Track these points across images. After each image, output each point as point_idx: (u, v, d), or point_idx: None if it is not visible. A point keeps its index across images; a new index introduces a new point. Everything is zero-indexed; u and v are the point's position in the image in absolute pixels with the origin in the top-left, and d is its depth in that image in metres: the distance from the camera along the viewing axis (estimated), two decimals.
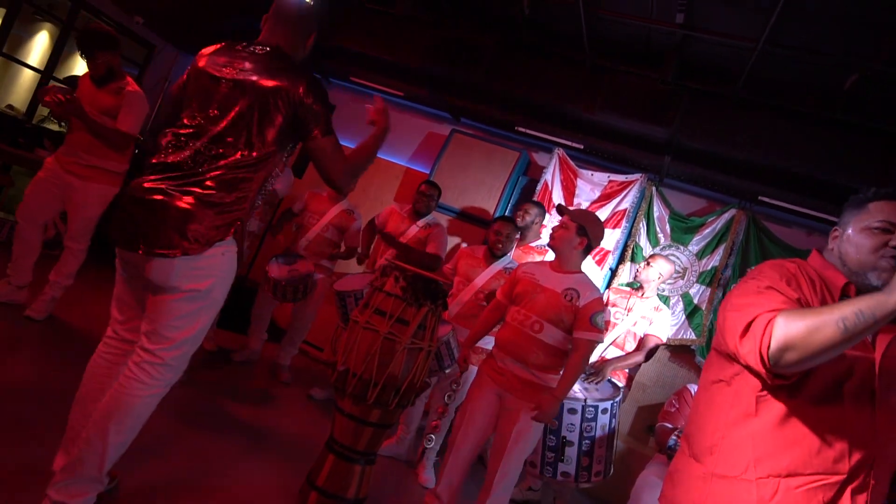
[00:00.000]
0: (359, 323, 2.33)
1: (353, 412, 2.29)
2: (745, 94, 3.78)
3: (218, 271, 1.74)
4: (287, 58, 1.84)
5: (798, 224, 4.39)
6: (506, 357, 2.52)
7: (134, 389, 1.68)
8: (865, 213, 1.30)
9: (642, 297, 3.58)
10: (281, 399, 3.69)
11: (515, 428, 2.44)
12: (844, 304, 1.04)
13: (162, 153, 1.74)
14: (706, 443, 1.30)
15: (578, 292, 2.45)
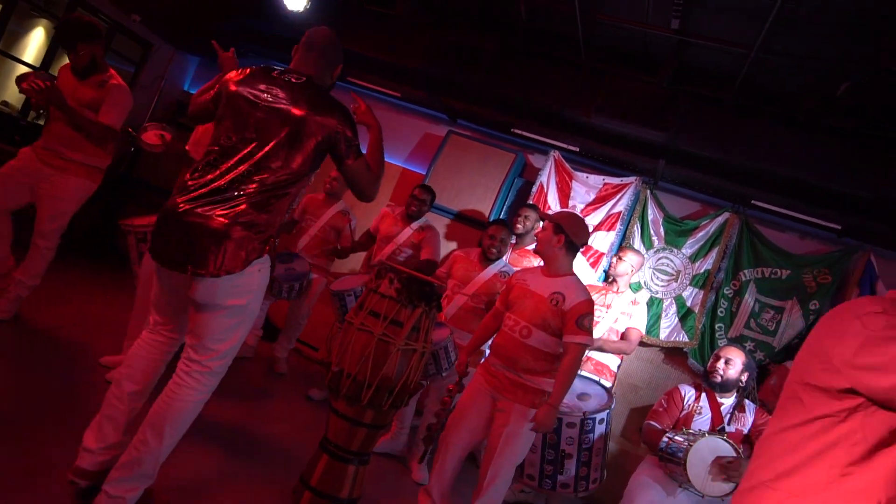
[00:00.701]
0: (353, 324, 2.35)
1: (347, 413, 2.31)
2: (741, 99, 3.81)
3: (256, 287, 1.89)
4: (322, 89, 1.99)
5: (791, 228, 4.43)
6: (497, 362, 2.57)
7: (186, 395, 1.85)
8: None
9: (617, 291, 3.62)
10: (278, 398, 3.70)
11: (506, 430, 2.47)
12: None
13: (199, 173, 1.85)
14: (812, 485, 1.19)
15: (564, 296, 2.47)
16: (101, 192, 3.50)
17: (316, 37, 2.05)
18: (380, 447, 3.39)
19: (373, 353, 2.26)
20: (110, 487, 1.79)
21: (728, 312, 4.28)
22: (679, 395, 2.92)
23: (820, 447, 1.18)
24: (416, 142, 5.63)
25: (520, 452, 2.55)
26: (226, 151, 1.84)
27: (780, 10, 2.83)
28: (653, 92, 4.05)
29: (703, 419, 2.79)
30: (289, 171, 1.85)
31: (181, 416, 1.86)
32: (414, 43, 4.71)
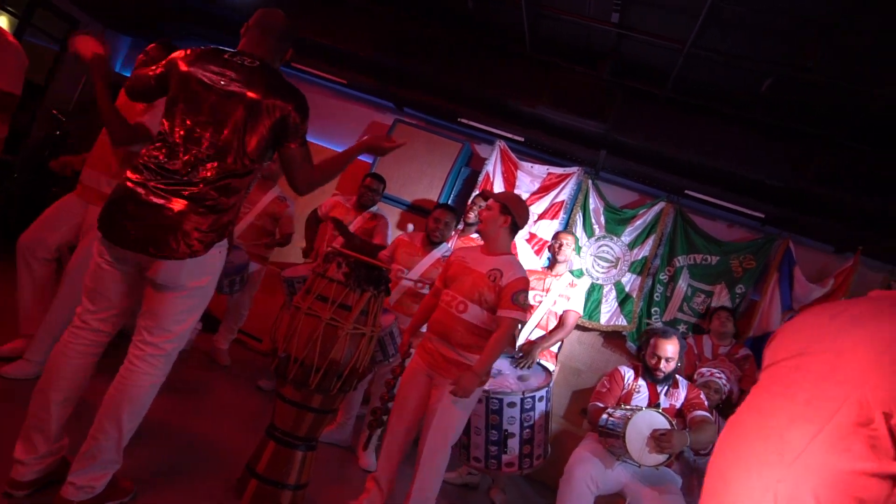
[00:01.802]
0: (301, 309, 2.32)
1: (295, 398, 2.28)
2: (675, 93, 3.99)
3: (214, 269, 1.91)
4: (277, 73, 1.96)
5: (720, 217, 4.70)
6: (433, 336, 2.59)
7: (141, 380, 1.84)
8: None
9: (556, 275, 3.72)
10: (222, 390, 3.61)
11: (440, 405, 2.48)
12: None
13: (154, 153, 1.82)
14: None
15: (502, 272, 2.52)
16: (22, 175, 3.25)
17: (271, 19, 2.01)
18: (325, 437, 3.35)
19: (321, 337, 2.25)
20: (76, 478, 1.80)
21: (663, 297, 4.50)
22: (620, 375, 3.05)
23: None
24: (363, 130, 5.58)
25: (455, 428, 2.55)
26: (181, 134, 1.82)
27: (711, 8, 2.98)
28: (594, 85, 4.18)
29: (641, 397, 2.93)
30: (246, 155, 1.85)
31: (138, 401, 1.85)
32: (361, 30, 4.65)
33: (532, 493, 4.06)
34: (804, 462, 1.06)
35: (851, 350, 1.07)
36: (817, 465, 1.04)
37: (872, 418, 0.97)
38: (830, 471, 1.02)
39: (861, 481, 0.97)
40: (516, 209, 2.63)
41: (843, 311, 1.18)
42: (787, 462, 1.08)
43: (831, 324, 1.17)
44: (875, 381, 1.00)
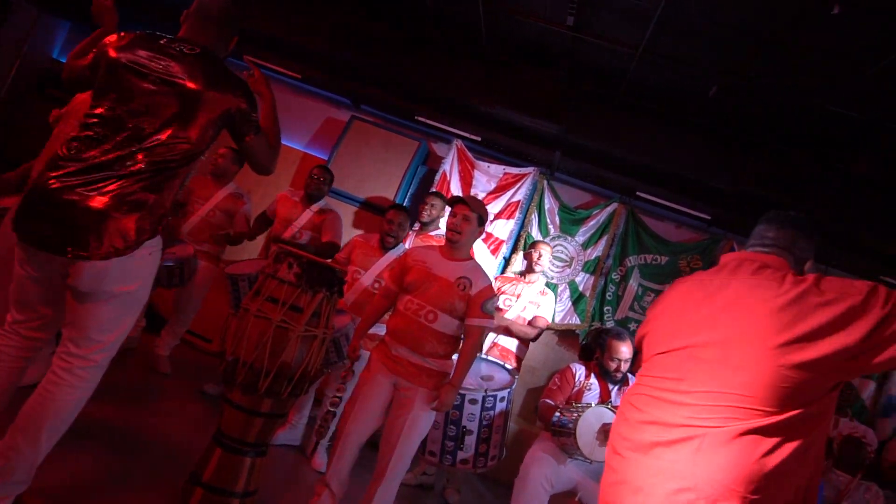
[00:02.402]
0: (250, 311, 2.24)
1: (243, 403, 2.21)
2: (627, 97, 4.09)
3: (146, 272, 1.76)
4: (220, 62, 1.84)
5: (669, 218, 4.84)
6: (399, 346, 2.53)
7: (65, 394, 1.67)
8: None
9: (528, 282, 3.78)
10: (166, 394, 3.46)
11: (411, 414, 2.47)
12: None
13: (76, 147, 1.65)
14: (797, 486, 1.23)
15: (471, 280, 2.52)
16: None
17: (212, 5, 1.90)
18: (277, 439, 3.28)
19: (270, 339, 2.18)
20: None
21: (615, 296, 4.60)
22: (571, 373, 3.10)
23: (802, 445, 1.19)
24: (318, 126, 5.47)
25: (422, 436, 2.58)
26: (109, 125, 1.67)
27: (662, 15, 3.06)
28: (549, 86, 4.23)
29: (592, 394, 2.99)
30: (181, 149, 1.72)
31: (60, 416, 1.68)
32: (317, 24, 4.56)
33: (487, 491, 4.08)
34: (703, 440, 1.23)
35: (726, 332, 1.29)
36: (716, 442, 1.22)
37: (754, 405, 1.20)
38: (728, 447, 1.21)
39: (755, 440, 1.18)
40: (486, 216, 2.66)
41: (710, 293, 1.39)
42: (684, 440, 1.25)
43: (695, 305, 1.40)
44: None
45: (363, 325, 2.77)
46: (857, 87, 3.05)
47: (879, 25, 2.57)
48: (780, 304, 1.23)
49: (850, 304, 1.18)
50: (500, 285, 3.87)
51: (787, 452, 1.19)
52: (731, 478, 1.18)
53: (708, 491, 1.18)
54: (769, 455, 1.18)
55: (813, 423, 1.21)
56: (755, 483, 1.17)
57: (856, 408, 4.19)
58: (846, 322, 1.17)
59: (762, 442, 1.19)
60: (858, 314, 1.17)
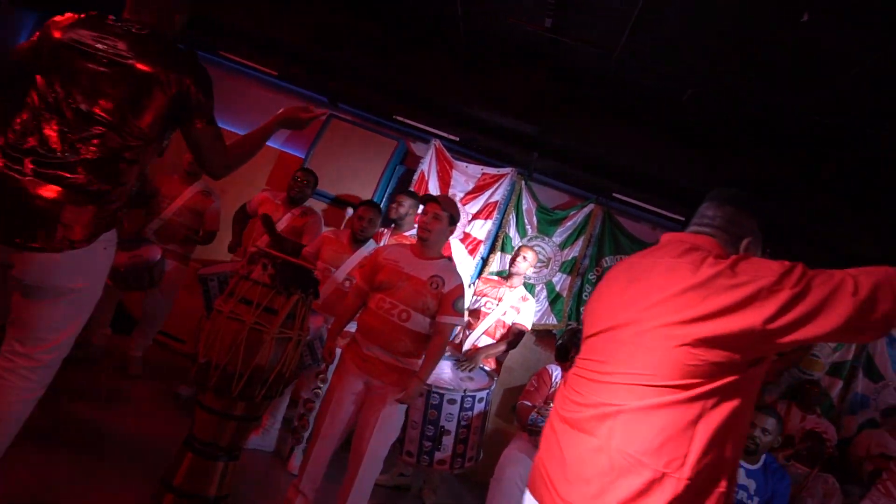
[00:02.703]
0: (223, 312, 2.20)
1: (216, 406, 2.16)
2: (604, 99, 4.12)
3: (100, 267, 1.68)
4: (169, 42, 1.74)
5: (645, 219, 4.90)
6: (372, 345, 2.52)
7: (13, 396, 1.58)
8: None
9: (511, 287, 3.78)
10: (138, 397, 3.38)
11: (382, 413, 2.47)
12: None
13: (20, 129, 1.55)
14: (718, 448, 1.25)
15: (444, 279, 2.53)
16: None
17: None
18: (250, 443, 3.24)
19: (244, 342, 2.14)
20: None
21: None
22: (547, 374, 3.11)
23: (720, 421, 1.23)
24: None
25: (394, 434, 2.58)
26: (55, 109, 1.57)
27: (638, 18, 3.09)
28: (527, 86, 4.24)
29: None
30: (135, 135, 1.63)
31: (9, 420, 1.60)
32: (295, 21, 4.49)
33: (463, 491, 4.09)
34: (627, 416, 1.28)
35: (644, 310, 1.32)
36: (629, 419, 1.28)
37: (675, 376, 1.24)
38: (649, 415, 1.26)
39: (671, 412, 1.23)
40: (458, 216, 2.66)
41: (634, 270, 1.44)
42: (613, 417, 1.30)
43: (624, 287, 1.42)
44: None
45: (336, 327, 2.74)
46: (826, 92, 3.12)
47: (846, 34, 2.64)
48: (690, 285, 1.26)
49: (760, 284, 1.19)
50: (483, 287, 3.87)
51: (699, 427, 1.22)
52: (642, 451, 1.22)
53: (622, 464, 1.23)
54: (680, 430, 1.22)
55: (728, 398, 1.24)
56: (665, 457, 1.21)
57: (824, 406, 4.30)
58: (754, 301, 1.18)
59: (672, 418, 1.23)
60: (767, 294, 1.17)
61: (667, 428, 1.23)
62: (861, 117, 3.27)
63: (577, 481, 1.29)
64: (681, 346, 1.23)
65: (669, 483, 1.20)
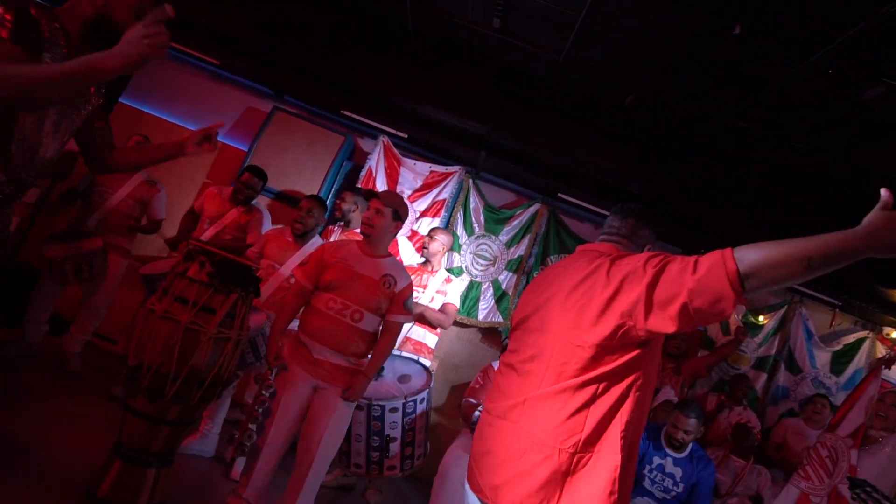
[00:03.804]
0: (155, 312, 2.11)
1: (147, 410, 2.08)
2: (550, 101, 4.20)
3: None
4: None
5: (588, 219, 5.04)
6: (322, 348, 2.45)
7: None
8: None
9: (432, 271, 3.80)
10: (67, 399, 3.17)
11: (333, 416, 2.42)
12: (810, 242, 1.16)
13: None
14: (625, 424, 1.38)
15: (395, 279, 2.51)
16: None
17: None
18: (189, 448, 3.11)
19: (179, 342, 2.06)
20: None
21: None
22: (493, 371, 3.15)
23: (612, 401, 1.37)
24: (239, 116, 5.22)
25: (343, 433, 2.54)
26: None
27: (583, 24, 3.17)
28: (476, 86, 4.27)
29: None
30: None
31: None
32: (236, 10, 4.34)
33: (408, 488, 4.08)
34: (535, 400, 1.44)
35: (548, 307, 1.51)
36: (532, 404, 1.44)
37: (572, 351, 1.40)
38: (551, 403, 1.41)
39: (568, 395, 1.38)
40: (404, 212, 2.62)
41: (551, 273, 1.64)
42: (524, 401, 1.46)
43: (540, 287, 1.61)
44: (563, 323, 1.44)
45: (278, 328, 2.57)
46: (753, 102, 3.30)
47: (774, 48, 2.80)
48: (579, 279, 1.44)
49: (628, 271, 1.34)
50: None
51: (592, 408, 1.37)
52: (543, 431, 1.38)
53: (528, 444, 1.39)
54: (574, 411, 1.37)
55: (620, 379, 1.38)
56: (562, 435, 1.36)
57: (750, 397, 4.56)
58: (624, 288, 1.32)
59: (568, 400, 1.38)
60: (633, 281, 1.31)
61: (563, 409, 1.37)
62: (785, 126, 3.48)
63: (499, 465, 1.43)
64: (572, 331, 1.39)
65: (565, 458, 1.35)
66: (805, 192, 4.06)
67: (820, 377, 4.67)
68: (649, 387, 1.44)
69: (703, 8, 2.76)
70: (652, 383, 1.45)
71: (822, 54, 2.70)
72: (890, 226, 1.13)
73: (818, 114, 3.22)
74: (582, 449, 1.34)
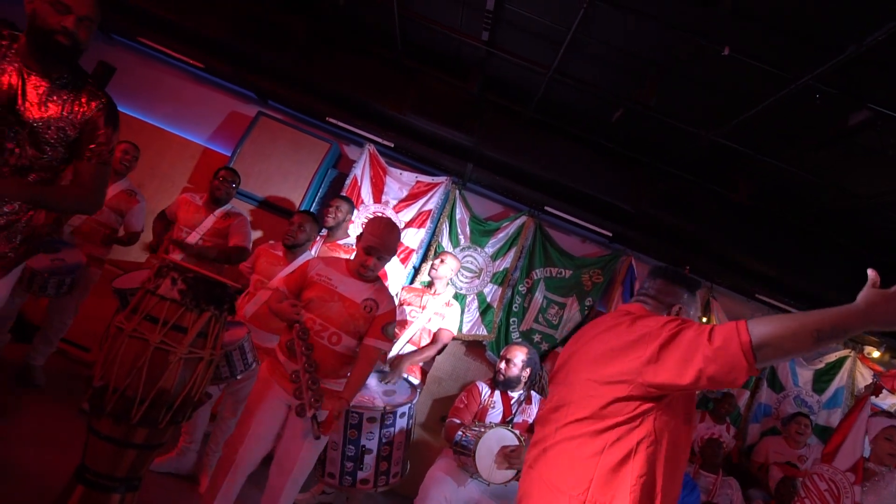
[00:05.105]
0: (123, 331, 2.02)
1: (113, 434, 1.98)
2: (537, 114, 4.18)
3: None
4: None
5: (574, 233, 5.01)
6: (298, 367, 2.39)
7: None
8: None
9: (434, 294, 3.74)
10: (31, 414, 3.06)
11: (307, 439, 2.36)
12: (818, 315, 1.24)
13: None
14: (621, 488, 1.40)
15: (377, 303, 2.45)
16: None
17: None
18: (163, 466, 3.02)
19: (147, 363, 1.97)
20: None
21: (521, 308, 4.70)
22: (477, 390, 3.10)
23: (623, 453, 1.41)
24: (222, 120, 5.13)
25: (317, 455, 2.48)
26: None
27: (573, 39, 3.14)
28: (463, 97, 4.23)
29: (495, 412, 3.00)
30: None
31: None
32: (219, 12, 4.26)
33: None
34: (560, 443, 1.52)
35: (574, 360, 1.64)
36: (552, 451, 1.53)
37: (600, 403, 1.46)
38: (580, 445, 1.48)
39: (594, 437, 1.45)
40: (395, 252, 2.58)
41: (587, 328, 1.74)
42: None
43: (574, 341, 1.73)
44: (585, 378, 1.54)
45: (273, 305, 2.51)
46: (739, 121, 3.30)
47: (760, 70, 2.79)
48: (598, 337, 1.57)
49: (645, 332, 1.43)
50: (406, 296, 3.80)
51: (604, 456, 1.42)
52: (560, 479, 1.45)
53: (546, 491, 1.46)
54: (587, 459, 1.43)
55: (634, 431, 1.43)
56: (574, 482, 1.42)
57: (733, 415, 4.56)
58: (638, 346, 1.42)
59: (581, 448, 1.45)
60: (647, 340, 1.41)
61: (576, 457, 1.44)
62: (772, 146, 3.48)
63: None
64: (589, 383, 1.49)
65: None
66: (790, 211, 4.07)
67: (802, 395, 4.68)
68: (672, 447, 1.45)
69: (693, 28, 2.75)
70: (678, 445, 1.47)
71: (809, 79, 2.69)
72: (884, 302, 1.22)
73: (805, 136, 3.23)
74: (591, 499, 1.39)
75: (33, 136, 1.81)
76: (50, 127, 1.83)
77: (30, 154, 1.83)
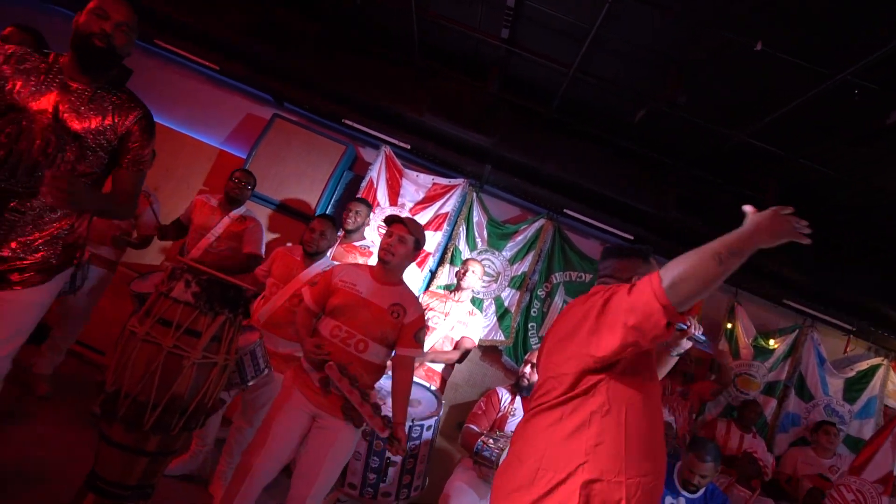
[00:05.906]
0: (136, 335, 1.96)
1: (125, 441, 1.92)
2: (558, 114, 4.08)
3: None
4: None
5: (594, 236, 4.90)
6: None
7: None
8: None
9: (458, 301, 3.66)
10: (42, 418, 3.03)
11: (333, 449, 2.29)
12: (713, 242, 1.33)
13: None
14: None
15: (405, 308, 2.37)
16: None
17: None
18: (176, 469, 2.97)
19: (160, 368, 1.91)
20: None
21: (540, 312, 4.59)
22: (497, 397, 3.01)
23: (576, 423, 1.47)
24: (238, 122, 5.11)
25: (342, 467, 2.41)
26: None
27: (595, 37, 3.05)
28: (480, 97, 4.15)
29: (516, 420, 2.91)
30: None
31: None
32: (235, 15, 4.23)
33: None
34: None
35: (543, 346, 1.78)
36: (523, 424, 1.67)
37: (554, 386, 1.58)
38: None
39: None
40: (423, 241, 2.51)
41: (559, 316, 1.81)
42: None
43: (550, 330, 1.80)
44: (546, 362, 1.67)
45: (303, 336, 2.44)
46: (771, 121, 3.18)
47: (794, 66, 2.67)
48: (564, 319, 1.67)
49: (589, 306, 1.51)
50: (429, 301, 3.73)
51: (561, 426, 1.50)
52: (521, 449, 1.56)
53: (511, 462, 1.59)
54: (545, 429, 1.52)
55: (587, 402, 1.50)
56: (534, 451, 1.51)
57: (759, 424, 4.40)
58: (584, 322, 1.50)
59: (542, 419, 1.55)
60: (589, 314, 1.49)
61: (537, 429, 1.55)
62: (804, 146, 3.35)
63: (511, 494, 1.55)
64: (552, 363, 1.60)
65: (530, 474, 1.49)
66: (821, 214, 3.92)
67: (833, 405, 4.51)
68: (634, 411, 1.49)
69: (723, 22, 2.64)
70: (645, 406, 1.51)
71: (847, 74, 2.57)
72: (764, 219, 1.39)
73: (840, 134, 3.09)
74: (544, 466, 1.46)
75: (79, 146, 1.89)
76: (93, 136, 1.91)
77: (77, 165, 1.90)
